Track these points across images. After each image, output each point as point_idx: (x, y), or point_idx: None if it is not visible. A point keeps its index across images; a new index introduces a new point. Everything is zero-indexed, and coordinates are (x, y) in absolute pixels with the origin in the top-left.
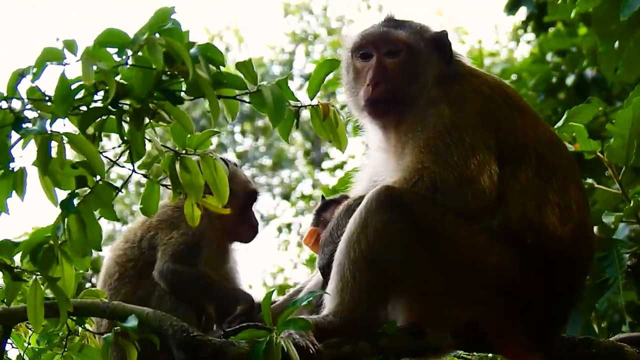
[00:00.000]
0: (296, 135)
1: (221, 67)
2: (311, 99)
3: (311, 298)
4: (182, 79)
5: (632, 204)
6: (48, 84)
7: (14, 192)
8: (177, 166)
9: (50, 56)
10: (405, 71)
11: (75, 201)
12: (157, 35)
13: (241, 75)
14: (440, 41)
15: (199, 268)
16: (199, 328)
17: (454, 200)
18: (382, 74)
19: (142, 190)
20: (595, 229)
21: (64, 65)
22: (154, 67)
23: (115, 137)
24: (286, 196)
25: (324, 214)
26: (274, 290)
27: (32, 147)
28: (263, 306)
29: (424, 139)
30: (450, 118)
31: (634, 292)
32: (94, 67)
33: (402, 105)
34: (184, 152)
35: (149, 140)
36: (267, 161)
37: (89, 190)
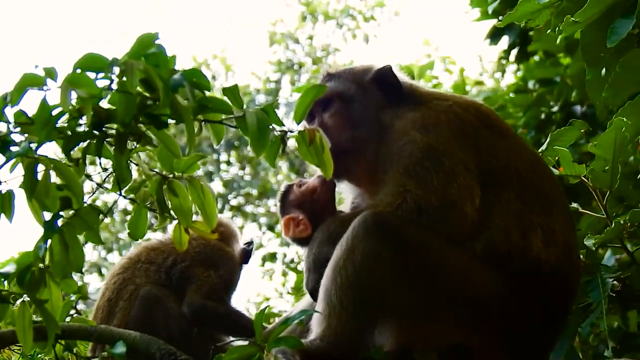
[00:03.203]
0: (282, 164)
1: (207, 92)
2: (297, 124)
3: (303, 317)
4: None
5: (613, 226)
6: (35, 107)
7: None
8: (165, 190)
9: (30, 82)
10: (343, 120)
11: (61, 222)
12: (143, 59)
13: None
14: (383, 78)
15: (227, 305)
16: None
17: (438, 223)
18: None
19: (127, 217)
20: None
21: (45, 90)
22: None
23: (102, 161)
24: (271, 226)
25: (289, 198)
26: (267, 307)
27: (19, 170)
28: (255, 323)
29: (403, 166)
30: (426, 142)
31: (618, 317)
32: (74, 94)
33: (355, 154)
34: (171, 175)
35: (136, 165)
36: (253, 190)
37: (74, 213)
